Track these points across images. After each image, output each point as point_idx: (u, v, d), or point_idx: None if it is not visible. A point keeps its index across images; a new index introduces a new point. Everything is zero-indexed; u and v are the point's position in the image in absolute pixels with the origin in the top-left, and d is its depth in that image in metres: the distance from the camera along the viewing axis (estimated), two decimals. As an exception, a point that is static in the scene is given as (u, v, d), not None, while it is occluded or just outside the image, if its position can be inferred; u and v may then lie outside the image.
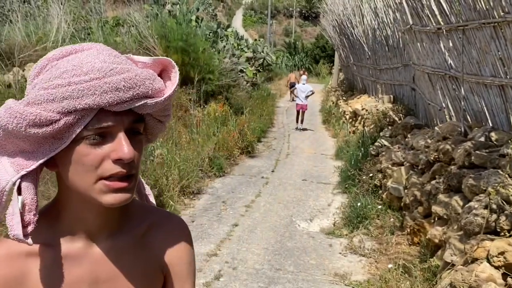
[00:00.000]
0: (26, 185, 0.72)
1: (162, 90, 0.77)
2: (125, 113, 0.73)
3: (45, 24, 9.41)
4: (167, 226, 0.92)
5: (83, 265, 0.81)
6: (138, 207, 0.92)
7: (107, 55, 0.73)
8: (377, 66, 10.47)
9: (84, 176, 0.72)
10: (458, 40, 4.70)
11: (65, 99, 0.68)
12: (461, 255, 3.05)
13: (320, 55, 36.26)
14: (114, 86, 0.69)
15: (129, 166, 0.73)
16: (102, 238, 0.83)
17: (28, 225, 0.72)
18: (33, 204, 0.72)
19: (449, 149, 4.26)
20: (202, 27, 12.89)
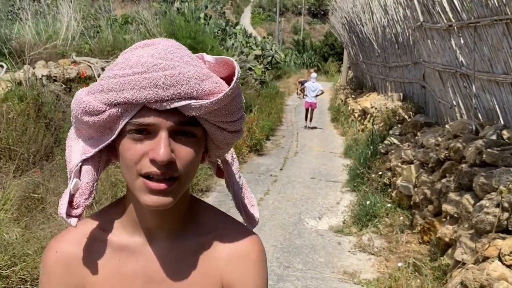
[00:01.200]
0: (86, 169, 0.76)
1: (214, 93, 0.71)
2: (171, 112, 0.70)
3: (55, 22, 9.48)
4: (236, 241, 0.85)
5: (140, 260, 0.81)
6: (211, 214, 0.88)
7: (161, 50, 0.71)
8: (386, 64, 10.41)
9: (127, 170, 0.73)
10: (470, 37, 4.65)
11: (110, 91, 0.69)
12: (472, 254, 3.02)
13: (329, 53, 36.10)
14: (153, 83, 0.67)
15: (166, 168, 0.70)
16: (161, 238, 0.81)
17: (78, 207, 0.75)
18: (86, 189, 0.76)
19: (460, 147, 4.22)
20: (210, 25, 12.91)
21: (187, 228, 0.84)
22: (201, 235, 0.84)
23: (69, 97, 6.90)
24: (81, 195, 0.75)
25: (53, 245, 0.81)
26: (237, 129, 0.79)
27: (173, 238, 0.82)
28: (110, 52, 9.04)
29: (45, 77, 6.72)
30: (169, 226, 0.81)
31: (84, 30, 10.20)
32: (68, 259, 0.80)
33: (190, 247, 0.83)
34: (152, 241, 0.81)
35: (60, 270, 0.79)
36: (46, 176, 5.00)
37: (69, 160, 0.77)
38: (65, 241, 0.81)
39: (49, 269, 0.80)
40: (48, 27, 9.25)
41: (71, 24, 9.23)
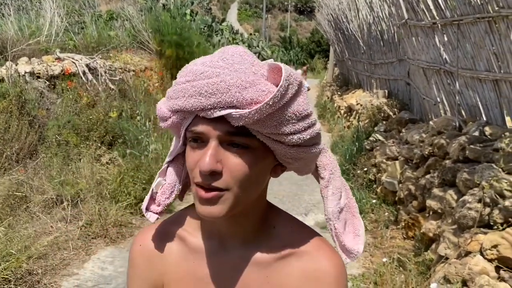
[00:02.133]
0: (170, 170, 0.82)
1: (257, 102, 0.66)
2: (219, 121, 0.67)
3: (38, 18, 9.33)
4: (314, 259, 0.79)
5: (212, 265, 0.81)
6: (288, 226, 0.83)
7: (216, 57, 0.71)
8: (372, 61, 10.48)
9: (189, 176, 0.75)
10: (453, 34, 4.71)
11: (171, 99, 0.72)
12: (455, 249, 3.07)
13: (316, 50, 36.25)
14: (197, 91, 0.67)
15: (209, 178, 0.68)
16: (234, 245, 0.81)
17: (158, 205, 0.81)
18: (168, 189, 0.81)
19: (444, 144, 4.28)
20: (196, 21, 12.85)
21: (261, 239, 0.81)
22: (276, 248, 0.80)
23: (52, 94, 6.81)
24: (163, 194, 0.81)
25: (138, 238, 0.87)
26: (298, 142, 0.71)
27: (247, 247, 0.80)
28: (95, 49, 8.93)
29: (28, 74, 6.61)
30: (242, 234, 0.80)
31: (68, 26, 10.06)
32: (150, 253, 0.84)
33: (264, 259, 0.79)
34: (225, 248, 0.81)
35: (143, 263, 0.85)
36: (29, 174, 4.94)
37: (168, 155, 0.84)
38: (149, 236, 0.85)
39: (134, 261, 0.86)
40: (31, 23, 9.10)
41: (54, 20, 9.09)
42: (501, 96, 4.10)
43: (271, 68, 0.69)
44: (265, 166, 0.74)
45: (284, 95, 0.66)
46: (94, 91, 7.36)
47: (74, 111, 6.57)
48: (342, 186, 0.86)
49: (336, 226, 0.82)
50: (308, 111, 0.71)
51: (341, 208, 0.83)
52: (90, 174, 5.12)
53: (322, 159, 0.86)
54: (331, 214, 0.82)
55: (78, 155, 5.61)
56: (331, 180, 0.85)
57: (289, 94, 0.66)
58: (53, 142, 5.74)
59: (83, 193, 4.85)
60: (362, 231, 0.84)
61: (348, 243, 0.82)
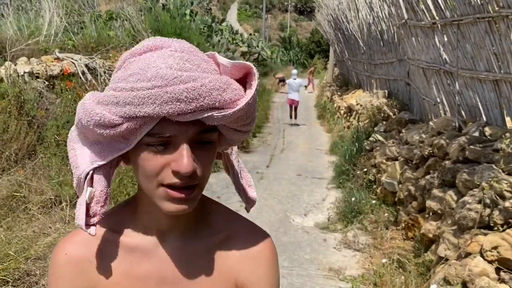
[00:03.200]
0: (98, 177, 0.74)
1: (235, 100, 0.70)
2: (191, 123, 0.69)
3: (37, 18, 9.33)
4: (249, 240, 0.85)
5: (152, 261, 0.80)
6: (222, 213, 0.88)
7: (177, 59, 0.69)
8: (372, 61, 10.47)
9: (147, 180, 0.72)
10: (453, 35, 4.70)
11: (127, 105, 0.67)
12: (454, 250, 3.06)
13: (315, 50, 36.22)
14: (175, 97, 0.65)
15: (189, 178, 0.70)
16: (173, 238, 0.81)
17: (94, 216, 0.74)
18: (101, 196, 0.74)
19: (444, 144, 4.27)
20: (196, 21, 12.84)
21: (199, 228, 0.83)
22: (214, 235, 0.84)
23: (51, 94, 6.80)
24: (97, 203, 0.74)
25: (62, 247, 0.80)
26: (250, 128, 0.79)
27: (186, 238, 0.82)
28: (94, 49, 8.92)
29: (27, 74, 6.60)
30: (182, 226, 0.81)
31: (67, 26, 10.05)
32: (78, 261, 0.79)
33: (203, 247, 0.82)
34: (164, 242, 0.81)
35: (70, 272, 0.79)
36: (28, 175, 4.92)
37: (76, 166, 0.74)
38: (75, 242, 0.80)
39: (58, 271, 0.79)
40: (30, 23, 9.09)
41: (54, 20, 9.08)
42: (501, 96, 4.09)
43: (235, 66, 0.73)
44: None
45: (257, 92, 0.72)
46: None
47: (73, 111, 6.55)
48: (236, 150, 0.95)
49: (242, 183, 0.92)
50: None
51: (240, 167, 0.93)
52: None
53: None
54: (237, 173, 0.92)
55: (77, 156, 5.57)
56: (234, 148, 0.93)
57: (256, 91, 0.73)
58: (52, 142, 5.73)
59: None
60: (252, 182, 0.95)
61: (250, 193, 0.93)
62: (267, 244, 0.86)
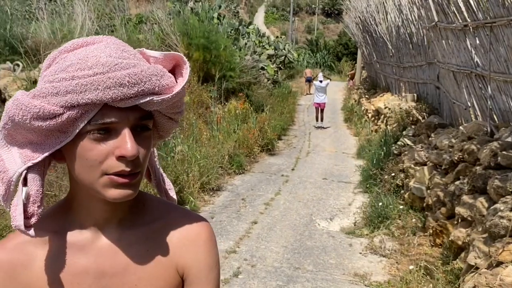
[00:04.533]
0: (32, 176, 0.72)
1: (171, 87, 0.75)
2: (131, 109, 0.71)
3: (70, 22, 9.57)
4: (185, 225, 0.87)
5: (89, 256, 0.80)
6: (156, 202, 0.89)
7: (114, 49, 0.72)
8: (400, 64, 10.31)
9: (89, 170, 0.72)
10: (486, 37, 4.58)
11: (69, 93, 0.67)
12: (485, 258, 2.97)
13: (343, 53, 35.90)
14: (118, 82, 0.68)
15: (133, 164, 0.72)
16: (110, 230, 0.81)
17: (32, 217, 0.72)
18: (37, 196, 0.73)
19: (474, 149, 4.16)
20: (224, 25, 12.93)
21: (135, 218, 0.84)
22: (150, 223, 0.85)
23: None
24: (34, 203, 0.72)
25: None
26: (181, 117, 0.84)
27: (122, 229, 0.82)
28: (124, 52, 9.07)
29: (59, 76, 6.78)
30: (118, 218, 0.82)
31: (98, 29, 10.28)
32: (10, 266, 0.77)
33: (141, 236, 0.83)
34: (100, 235, 0.81)
35: (2, 279, 0.77)
36: (59, 174, 5.06)
37: (4, 170, 0.72)
38: (6, 248, 0.79)
39: None
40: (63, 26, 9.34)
41: (85, 23, 9.31)
42: (536, 101, 3.96)
43: (166, 57, 0.79)
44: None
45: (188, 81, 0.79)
46: (123, 93, 7.48)
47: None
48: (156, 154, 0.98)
49: (164, 185, 0.95)
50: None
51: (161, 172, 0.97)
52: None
53: None
54: (159, 177, 0.95)
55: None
56: (154, 149, 0.95)
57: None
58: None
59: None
60: (171, 185, 0.98)
61: (172, 195, 0.96)
62: (203, 228, 0.88)
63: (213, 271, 0.88)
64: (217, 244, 0.91)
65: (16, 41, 7.43)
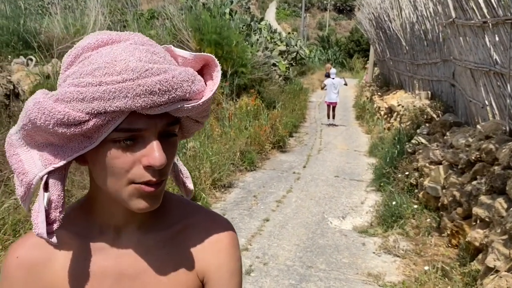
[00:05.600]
0: (53, 181, 0.69)
1: (201, 91, 0.71)
2: (159, 116, 0.68)
3: (83, 17, 9.60)
4: (207, 228, 0.84)
5: (109, 258, 0.78)
6: (177, 203, 0.86)
7: (144, 51, 0.67)
8: (414, 61, 10.17)
9: (115, 178, 0.69)
10: (506, 34, 4.47)
11: (95, 100, 0.63)
12: (506, 261, 2.90)
13: (355, 50, 35.62)
14: (148, 89, 0.63)
15: (159, 173, 0.69)
16: (130, 233, 0.79)
17: (54, 223, 0.70)
18: (59, 201, 0.70)
19: (493, 149, 4.07)
20: (235, 20, 12.88)
21: (156, 220, 0.82)
22: (171, 225, 0.82)
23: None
24: (55, 209, 0.69)
25: (14, 250, 0.77)
26: (206, 119, 0.80)
27: (143, 231, 0.80)
28: (136, 47, 9.07)
29: (72, 71, 6.80)
30: (138, 220, 0.79)
31: (111, 24, 10.29)
32: (30, 264, 0.76)
33: (161, 239, 0.81)
34: (121, 237, 0.79)
35: (22, 276, 0.76)
36: (71, 169, 5.06)
37: (23, 172, 0.69)
38: (26, 245, 0.77)
39: (10, 276, 0.76)
40: (76, 21, 9.36)
41: (98, 18, 9.32)
42: (557, 99, 3.85)
43: (197, 58, 0.74)
44: None
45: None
46: (135, 89, 7.48)
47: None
48: None
49: (182, 176, 0.91)
50: None
51: (177, 160, 0.93)
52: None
53: None
54: (177, 166, 0.91)
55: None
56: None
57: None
58: (95, 138, 5.86)
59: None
60: (188, 173, 0.94)
61: (189, 185, 0.92)
62: (226, 232, 0.85)
63: (235, 277, 0.84)
64: (239, 248, 0.87)
65: (29, 35, 7.46)
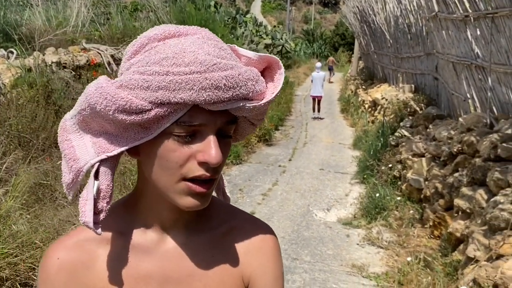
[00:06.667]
0: (104, 170, 0.68)
1: (263, 92, 0.69)
2: (220, 113, 0.66)
3: (65, 9, 9.45)
4: (251, 232, 0.83)
5: (154, 259, 0.76)
6: (220, 206, 0.85)
7: (212, 46, 0.66)
8: (398, 55, 10.26)
9: (167, 173, 0.68)
10: (487, 28, 4.53)
11: (160, 89, 0.62)
12: (485, 251, 2.96)
13: (340, 43, 35.78)
14: (214, 84, 0.63)
15: (213, 170, 0.68)
16: (176, 233, 0.77)
17: (100, 213, 0.68)
18: (107, 191, 0.69)
19: (474, 141, 4.14)
20: (220, 13, 12.81)
21: (201, 222, 0.80)
22: (215, 228, 0.81)
23: (78, 84, 6.89)
24: (103, 199, 0.68)
25: (53, 252, 0.74)
26: (261, 122, 0.78)
27: (188, 233, 0.78)
28: (120, 40, 8.99)
29: (54, 64, 6.70)
30: (184, 221, 0.78)
31: (94, 17, 10.15)
32: (72, 265, 0.73)
33: (206, 241, 0.80)
34: (166, 239, 0.77)
35: (63, 279, 0.73)
36: (55, 163, 5.00)
37: (74, 158, 0.67)
38: (67, 246, 0.74)
39: (50, 278, 0.73)
40: (58, 14, 9.22)
41: (81, 10, 9.19)
42: (536, 92, 3.93)
43: (261, 59, 0.72)
44: None
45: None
46: (119, 82, 7.41)
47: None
48: None
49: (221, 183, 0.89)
50: None
51: None
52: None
53: None
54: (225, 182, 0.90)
55: (102, 145, 5.65)
56: None
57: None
58: (78, 132, 5.79)
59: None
60: (225, 182, 0.91)
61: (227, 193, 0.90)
62: (270, 237, 0.85)
63: (279, 282, 0.83)
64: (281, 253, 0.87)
65: (10, 28, 7.32)
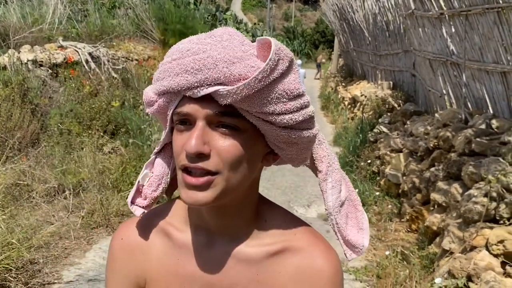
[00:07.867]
0: (158, 161, 0.78)
1: (246, 77, 0.61)
2: (206, 101, 0.63)
3: (41, 6, 9.27)
4: (308, 255, 0.74)
5: (199, 262, 0.75)
6: (280, 220, 0.78)
7: (205, 36, 0.68)
8: (377, 52, 10.38)
9: (176, 163, 0.71)
10: (461, 25, 4.63)
11: (157, 80, 0.69)
12: (459, 243, 3.04)
13: (320, 41, 36.01)
14: (184, 68, 0.64)
15: (198, 161, 0.64)
16: (223, 242, 0.75)
17: (144, 199, 0.77)
18: (155, 181, 0.77)
19: (449, 136, 4.23)
20: (200, 10, 12.75)
21: (252, 234, 0.75)
22: (267, 244, 0.75)
23: (55, 82, 6.78)
24: (149, 186, 0.76)
25: (120, 232, 0.82)
26: (290, 124, 0.66)
27: (236, 243, 0.75)
28: (98, 37, 8.88)
29: (30, 62, 6.57)
30: (232, 229, 0.74)
31: (71, 14, 9.99)
32: (131, 248, 0.80)
33: (254, 256, 0.74)
34: (213, 244, 0.75)
35: (124, 257, 0.80)
36: (32, 163, 4.92)
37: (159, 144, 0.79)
38: (131, 229, 0.81)
39: (114, 255, 0.81)
40: (34, 10, 9.04)
41: (57, 7, 9.04)
42: (508, 88, 4.04)
43: (260, 43, 0.64)
44: (256, 151, 0.69)
45: (274, 70, 0.62)
46: (97, 80, 7.32)
47: (76, 100, 6.54)
48: (341, 179, 0.80)
49: (338, 221, 0.78)
50: (300, 90, 0.66)
51: (342, 202, 0.79)
52: (92, 163, 5.09)
53: (319, 151, 0.79)
54: (332, 209, 0.77)
55: (80, 144, 5.59)
56: (329, 173, 0.78)
57: (279, 70, 0.62)
58: (56, 130, 5.72)
59: (85, 182, 4.84)
60: (366, 225, 0.80)
61: (352, 237, 0.79)
62: (330, 262, 0.74)
63: None
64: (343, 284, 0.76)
65: (-17, 25, 7.15)
